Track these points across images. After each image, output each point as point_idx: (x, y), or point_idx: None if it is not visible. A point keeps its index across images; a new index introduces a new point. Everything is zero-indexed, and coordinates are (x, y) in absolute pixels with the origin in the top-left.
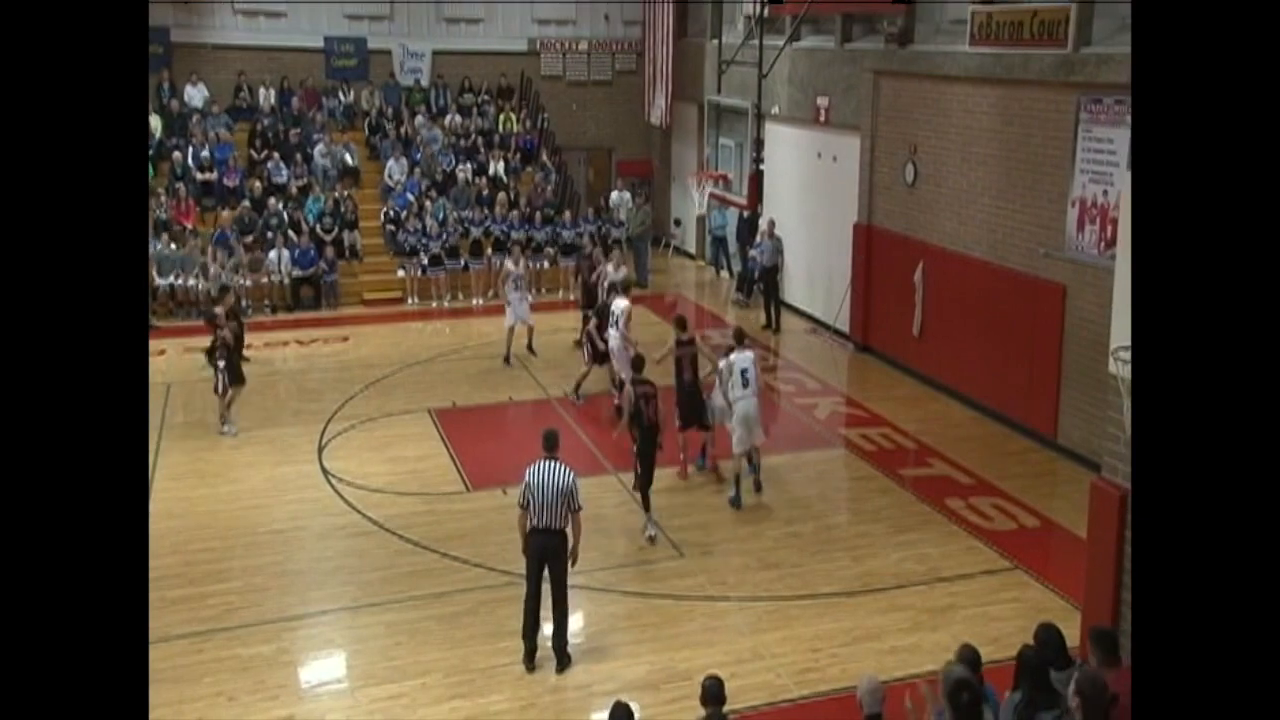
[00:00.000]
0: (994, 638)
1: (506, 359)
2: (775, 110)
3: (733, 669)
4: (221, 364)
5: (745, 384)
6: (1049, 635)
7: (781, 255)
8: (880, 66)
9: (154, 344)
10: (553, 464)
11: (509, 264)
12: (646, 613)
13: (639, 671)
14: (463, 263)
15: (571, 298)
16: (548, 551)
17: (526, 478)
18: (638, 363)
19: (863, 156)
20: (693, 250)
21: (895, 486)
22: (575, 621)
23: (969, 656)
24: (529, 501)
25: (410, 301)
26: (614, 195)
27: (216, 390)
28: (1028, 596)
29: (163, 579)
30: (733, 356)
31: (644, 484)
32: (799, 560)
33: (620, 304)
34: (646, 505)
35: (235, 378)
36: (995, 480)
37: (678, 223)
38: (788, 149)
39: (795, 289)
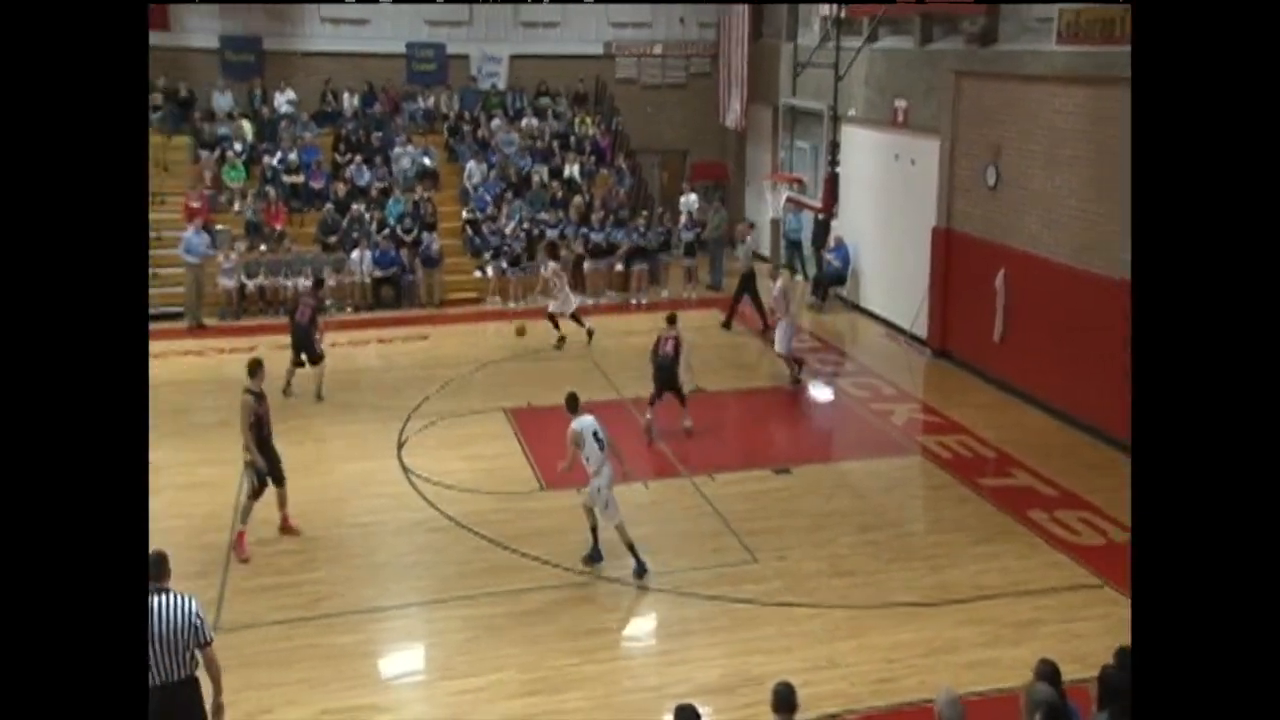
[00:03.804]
0: (1079, 655)
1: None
2: (852, 112)
3: (806, 676)
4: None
5: (602, 447)
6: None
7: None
8: (961, 67)
9: (245, 341)
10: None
11: (555, 265)
12: (719, 616)
13: (712, 675)
14: (539, 264)
15: (644, 300)
16: None
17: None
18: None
19: (942, 159)
20: (767, 253)
21: (974, 496)
22: (648, 623)
23: (1047, 672)
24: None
25: (488, 302)
26: (682, 198)
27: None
28: (1116, 614)
29: (254, 567)
30: (574, 425)
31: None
32: (875, 568)
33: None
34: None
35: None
36: (1082, 492)
37: (751, 225)
38: (864, 152)
39: (871, 293)
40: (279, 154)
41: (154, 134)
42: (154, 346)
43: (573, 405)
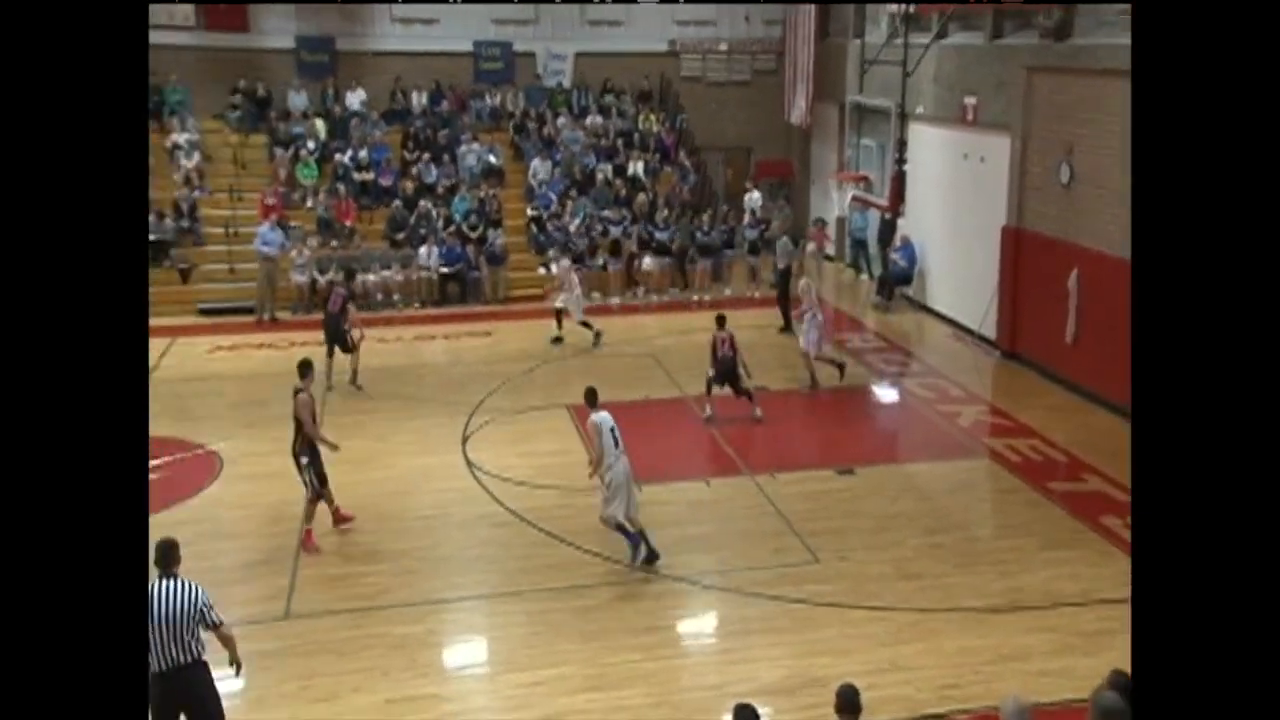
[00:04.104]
0: None
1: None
2: (919, 110)
3: (869, 679)
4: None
5: (616, 443)
6: None
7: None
8: (1034, 62)
9: (315, 336)
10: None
11: (567, 264)
12: (781, 616)
13: (774, 675)
14: (601, 262)
15: (707, 298)
16: None
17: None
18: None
19: (1013, 157)
20: (832, 252)
21: (1044, 500)
22: (708, 621)
23: (1120, 683)
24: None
25: (551, 299)
26: (747, 196)
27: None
28: None
29: (323, 557)
30: (594, 418)
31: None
32: (941, 572)
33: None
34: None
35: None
36: None
37: (824, 224)
38: (931, 149)
39: (938, 293)
40: (350, 152)
41: (232, 133)
42: (227, 339)
43: (592, 400)
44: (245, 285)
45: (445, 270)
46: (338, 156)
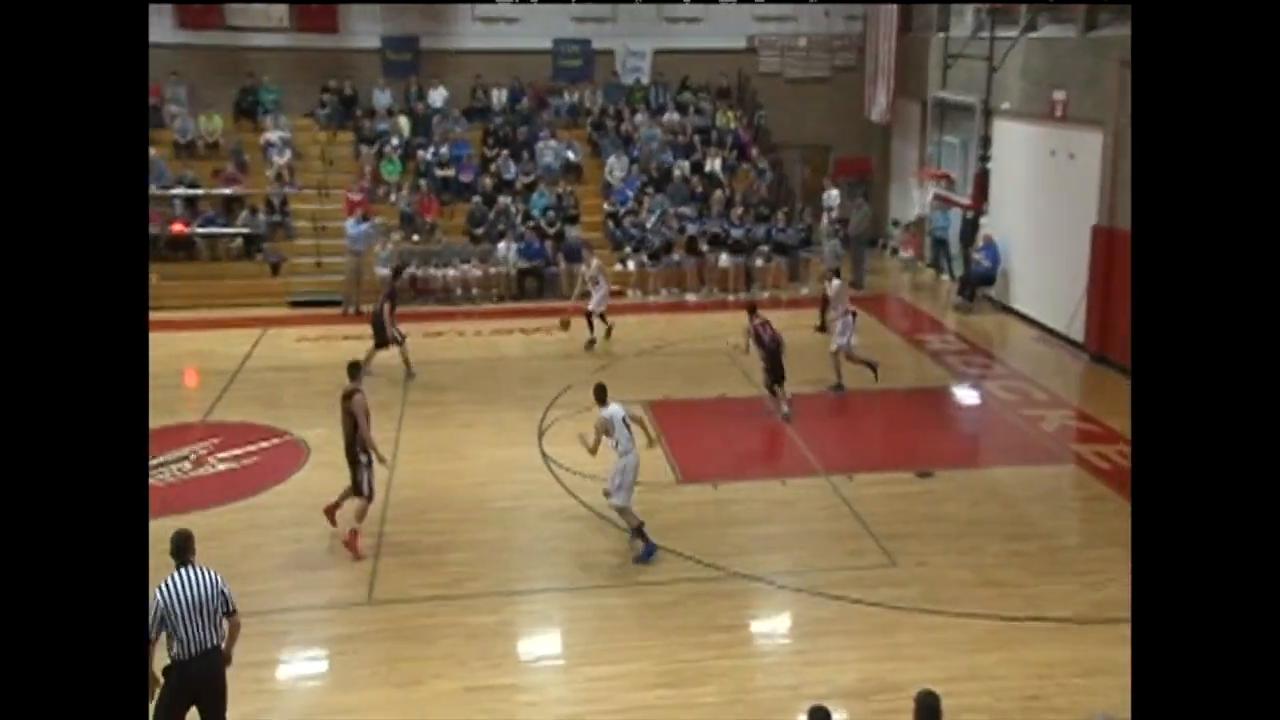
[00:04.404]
0: None
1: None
2: (1005, 105)
3: (948, 687)
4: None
5: (630, 435)
6: None
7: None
8: (1130, 55)
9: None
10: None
11: (597, 263)
12: (857, 619)
13: (849, 678)
14: (677, 258)
15: (783, 297)
16: None
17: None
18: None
19: (1105, 154)
20: (907, 253)
21: None
22: (783, 621)
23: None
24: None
25: (629, 295)
26: (824, 194)
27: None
28: None
29: (403, 545)
30: (605, 412)
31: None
32: (1023, 580)
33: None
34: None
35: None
36: None
37: (896, 223)
38: (1017, 146)
39: (1022, 294)
40: (432, 148)
41: (320, 130)
42: (313, 331)
43: (601, 396)
44: (332, 278)
45: (523, 265)
46: (420, 153)
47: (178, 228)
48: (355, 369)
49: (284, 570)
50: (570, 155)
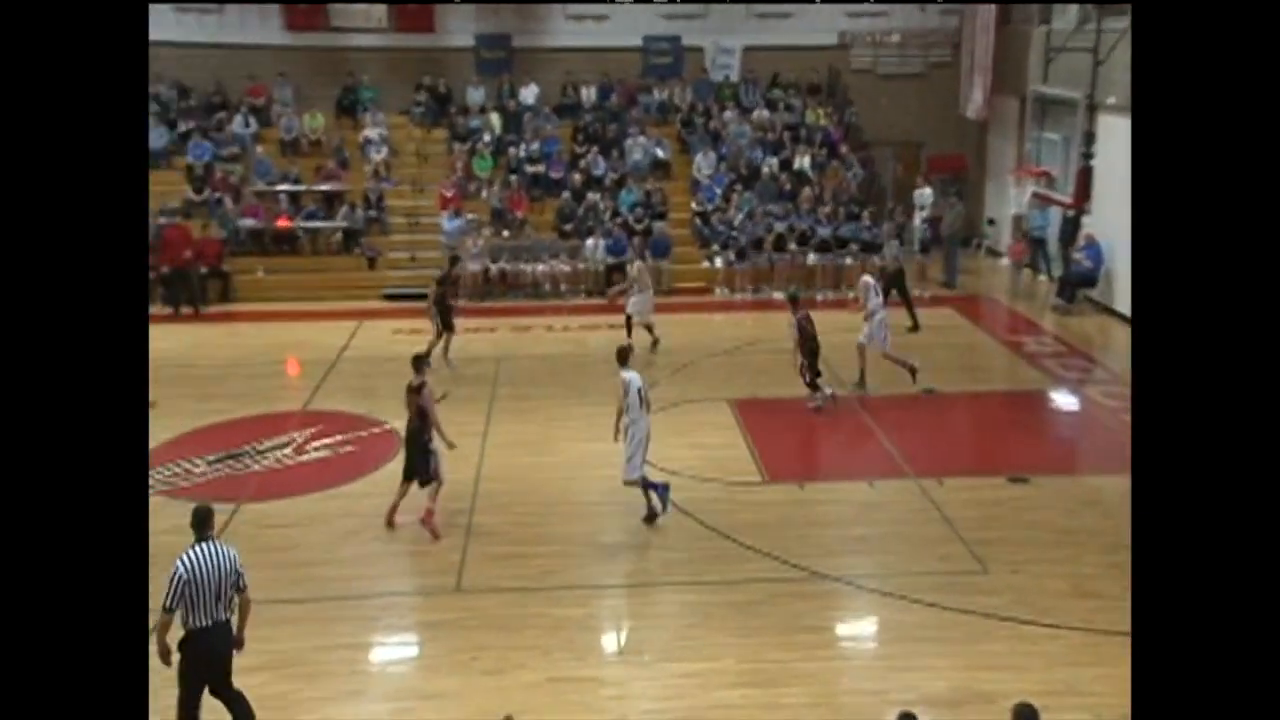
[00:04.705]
0: None
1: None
2: (1111, 100)
3: (1044, 700)
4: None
5: (642, 403)
6: None
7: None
8: None
9: (485, 322)
10: None
11: (641, 264)
12: (948, 626)
13: (938, 686)
14: (766, 256)
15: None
16: None
17: None
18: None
19: None
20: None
21: None
22: (869, 625)
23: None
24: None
25: (716, 292)
26: (916, 193)
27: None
28: None
29: (491, 536)
30: (624, 375)
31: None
32: (1123, 593)
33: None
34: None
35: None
36: None
37: (991, 222)
38: (1123, 143)
39: (1126, 295)
40: (522, 145)
41: (415, 127)
42: (407, 324)
43: (623, 358)
44: (425, 272)
45: (611, 261)
46: (511, 149)
47: (282, 222)
48: (420, 361)
49: (377, 557)
50: (659, 152)
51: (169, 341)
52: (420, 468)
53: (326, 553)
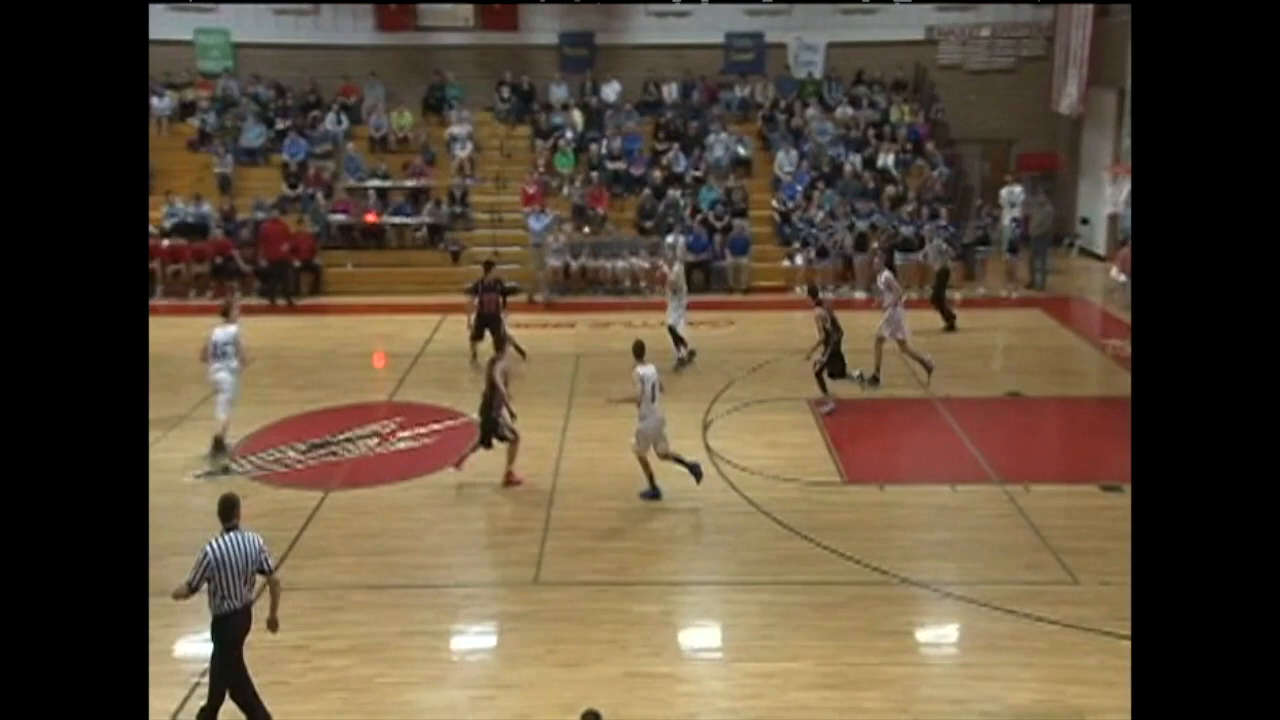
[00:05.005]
0: None
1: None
2: None
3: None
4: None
5: (654, 398)
6: None
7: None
8: None
9: (565, 317)
10: None
11: (680, 269)
12: (1034, 637)
13: (1023, 698)
14: (847, 255)
15: (957, 296)
16: None
17: None
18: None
19: None
20: (1102, 251)
21: None
22: (952, 632)
23: None
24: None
25: (796, 291)
26: (1004, 191)
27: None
28: None
29: (570, 530)
30: (639, 370)
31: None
32: None
33: None
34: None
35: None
36: None
37: (1085, 221)
38: None
39: None
40: (604, 142)
41: (499, 124)
42: None
43: (639, 353)
44: (508, 267)
45: (691, 259)
46: (593, 146)
47: (370, 218)
48: (501, 343)
49: (458, 547)
50: (740, 149)
51: (265, 333)
52: (488, 431)
53: (410, 541)
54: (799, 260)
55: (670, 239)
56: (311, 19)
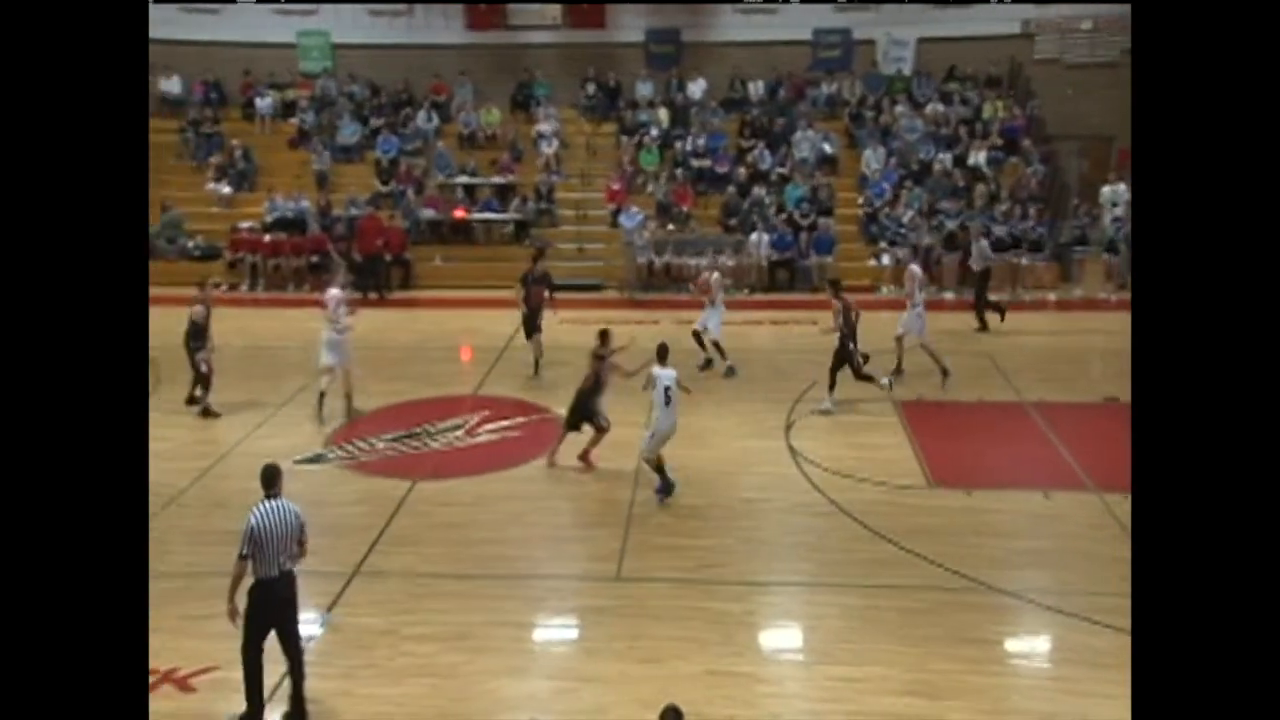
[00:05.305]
0: None
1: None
2: None
3: None
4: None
5: (667, 402)
6: None
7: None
8: None
9: (649, 314)
10: None
11: (719, 275)
12: (1129, 652)
13: (1114, 715)
14: (935, 255)
15: (1051, 297)
16: None
17: None
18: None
19: None
20: None
21: None
22: (1042, 643)
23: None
24: None
25: (883, 291)
26: (1105, 190)
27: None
28: None
29: (652, 526)
30: (655, 370)
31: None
32: None
33: None
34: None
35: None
36: None
37: None
38: None
39: None
40: (689, 139)
41: (585, 121)
42: (573, 314)
43: (662, 356)
44: (591, 263)
45: (775, 257)
46: (678, 143)
47: (459, 213)
48: (606, 334)
49: (541, 540)
50: (826, 147)
51: (359, 325)
52: (578, 419)
53: (494, 533)
54: (885, 260)
55: (754, 237)
56: (405, 19)
